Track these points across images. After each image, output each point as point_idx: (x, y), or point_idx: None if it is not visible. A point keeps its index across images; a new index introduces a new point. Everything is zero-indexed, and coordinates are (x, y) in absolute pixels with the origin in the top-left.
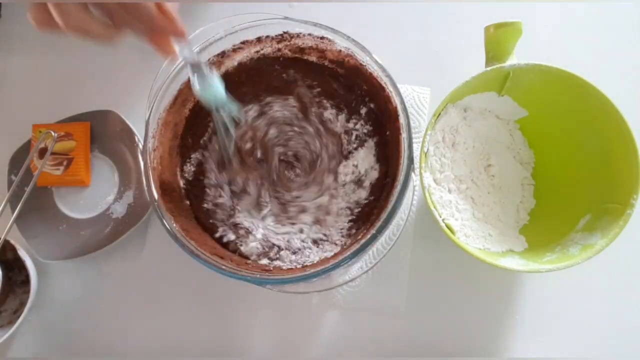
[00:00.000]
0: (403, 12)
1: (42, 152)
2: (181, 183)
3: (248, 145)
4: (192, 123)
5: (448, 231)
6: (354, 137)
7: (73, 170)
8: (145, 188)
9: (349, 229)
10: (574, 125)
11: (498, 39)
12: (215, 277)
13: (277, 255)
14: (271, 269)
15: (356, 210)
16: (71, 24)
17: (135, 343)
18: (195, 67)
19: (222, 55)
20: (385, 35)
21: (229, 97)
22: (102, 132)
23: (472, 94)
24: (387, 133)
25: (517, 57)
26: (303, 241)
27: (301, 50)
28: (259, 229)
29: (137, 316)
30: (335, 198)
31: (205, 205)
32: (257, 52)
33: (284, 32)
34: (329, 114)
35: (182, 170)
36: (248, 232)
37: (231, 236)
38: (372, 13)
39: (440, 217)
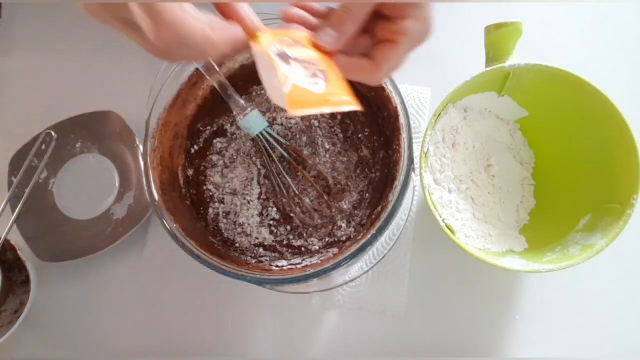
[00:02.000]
0: None
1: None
2: (182, 182)
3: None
4: (196, 121)
5: (448, 231)
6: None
7: (333, 87)
8: (146, 188)
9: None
10: (574, 125)
11: (498, 39)
12: (215, 277)
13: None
14: (271, 268)
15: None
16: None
17: (135, 343)
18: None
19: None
20: None
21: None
22: (102, 132)
23: (472, 94)
24: (387, 133)
25: (517, 57)
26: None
27: None
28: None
29: (137, 316)
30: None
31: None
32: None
33: None
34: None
35: (184, 169)
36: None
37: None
38: None
39: (440, 217)
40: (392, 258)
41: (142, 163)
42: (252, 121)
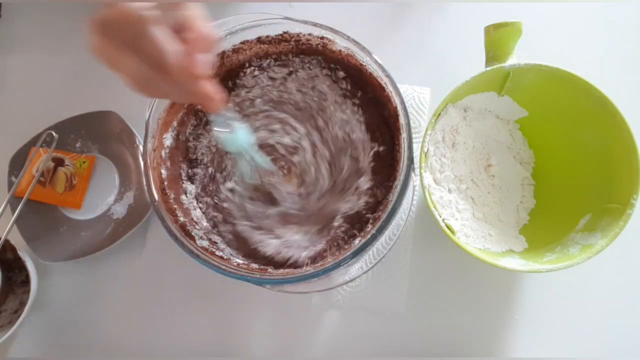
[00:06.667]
0: (403, 12)
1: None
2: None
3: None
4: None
5: (448, 231)
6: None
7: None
8: (146, 188)
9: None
10: (574, 125)
11: (498, 39)
12: (215, 277)
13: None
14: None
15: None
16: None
17: (135, 343)
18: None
19: (222, 55)
20: (385, 35)
21: (257, 150)
22: (102, 132)
23: (472, 94)
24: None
25: (517, 57)
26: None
27: (301, 50)
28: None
29: (137, 316)
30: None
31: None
32: (257, 53)
33: (284, 32)
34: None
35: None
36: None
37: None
38: (372, 13)
39: (440, 217)
40: (392, 258)
41: (142, 163)
42: (237, 140)
